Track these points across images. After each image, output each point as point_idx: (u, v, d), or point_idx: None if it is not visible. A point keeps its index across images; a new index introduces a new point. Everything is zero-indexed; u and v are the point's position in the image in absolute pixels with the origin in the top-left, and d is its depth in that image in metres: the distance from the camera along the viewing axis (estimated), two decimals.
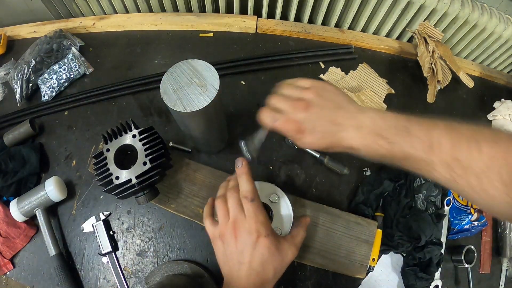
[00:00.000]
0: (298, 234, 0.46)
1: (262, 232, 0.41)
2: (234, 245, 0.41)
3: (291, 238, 0.45)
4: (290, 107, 0.40)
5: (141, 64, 0.77)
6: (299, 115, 0.39)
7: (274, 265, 0.41)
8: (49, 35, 0.76)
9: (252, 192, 0.43)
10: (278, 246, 0.42)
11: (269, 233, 0.41)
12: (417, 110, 0.76)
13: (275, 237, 0.43)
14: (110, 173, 0.51)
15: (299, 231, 0.47)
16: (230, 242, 0.42)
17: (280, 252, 0.42)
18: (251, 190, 0.43)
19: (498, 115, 0.78)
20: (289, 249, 0.43)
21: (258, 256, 0.40)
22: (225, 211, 0.43)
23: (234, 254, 0.41)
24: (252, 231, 0.41)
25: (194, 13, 0.85)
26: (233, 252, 0.41)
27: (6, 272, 0.59)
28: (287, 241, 0.44)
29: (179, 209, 0.59)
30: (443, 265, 0.61)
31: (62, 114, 0.72)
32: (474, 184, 0.31)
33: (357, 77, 0.77)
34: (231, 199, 0.43)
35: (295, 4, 0.80)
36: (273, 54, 0.78)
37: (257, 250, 0.40)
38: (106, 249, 0.57)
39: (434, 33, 0.77)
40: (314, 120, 0.39)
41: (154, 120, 0.70)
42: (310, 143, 0.40)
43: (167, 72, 0.46)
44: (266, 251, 0.41)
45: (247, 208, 0.42)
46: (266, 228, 0.41)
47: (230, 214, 0.43)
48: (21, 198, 0.59)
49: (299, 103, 0.39)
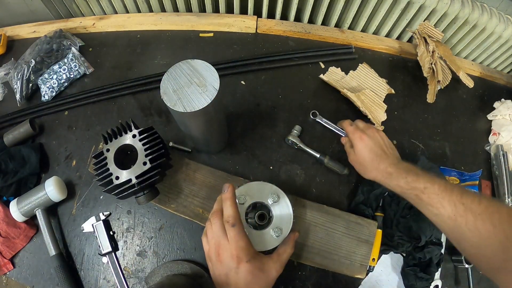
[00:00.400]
0: (285, 252, 0.48)
1: (243, 258, 0.42)
2: (220, 267, 0.44)
3: (277, 257, 0.47)
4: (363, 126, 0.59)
5: (141, 64, 0.77)
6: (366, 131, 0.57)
7: (260, 284, 0.44)
8: (49, 35, 0.76)
9: (233, 217, 0.44)
10: (261, 267, 0.44)
11: (250, 258, 0.43)
12: (417, 110, 0.76)
13: (257, 260, 0.44)
14: (110, 173, 0.51)
15: (285, 249, 0.48)
16: (216, 264, 0.44)
17: (264, 272, 0.44)
18: (233, 216, 0.44)
19: (498, 115, 0.78)
20: (274, 267, 0.45)
21: (241, 279, 0.42)
22: (211, 234, 0.46)
23: (222, 275, 0.44)
24: (234, 256, 0.43)
25: (194, 13, 0.85)
26: (221, 273, 0.44)
27: (6, 272, 0.59)
28: (272, 260, 0.46)
29: (179, 209, 0.59)
30: (443, 265, 0.61)
31: (62, 114, 0.72)
32: (470, 222, 0.41)
33: (357, 77, 0.77)
34: (214, 224, 0.45)
35: (295, 4, 0.80)
36: (273, 54, 0.78)
37: (240, 275, 0.42)
38: (106, 249, 0.57)
39: (434, 33, 0.77)
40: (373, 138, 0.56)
41: (154, 120, 0.70)
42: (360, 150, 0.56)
43: (167, 72, 0.46)
44: (249, 275, 0.42)
45: (229, 233, 0.44)
46: (246, 254, 0.43)
47: (214, 238, 0.45)
48: (21, 198, 0.59)
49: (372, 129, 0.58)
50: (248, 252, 0.43)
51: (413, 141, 0.73)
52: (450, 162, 0.72)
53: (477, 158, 0.75)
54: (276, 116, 0.71)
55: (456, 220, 0.42)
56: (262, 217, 0.52)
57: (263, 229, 0.51)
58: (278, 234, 0.50)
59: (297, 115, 0.71)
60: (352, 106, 0.72)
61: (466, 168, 0.72)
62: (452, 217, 0.43)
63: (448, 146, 0.74)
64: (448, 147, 0.74)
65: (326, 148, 0.69)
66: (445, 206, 0.44)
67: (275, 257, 0.47)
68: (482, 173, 0.69)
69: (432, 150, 0.73)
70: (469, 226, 0.41)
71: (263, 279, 0.44)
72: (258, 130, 0.69)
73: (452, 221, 0.43)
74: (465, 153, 0.74)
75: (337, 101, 0.74)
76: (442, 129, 0.75)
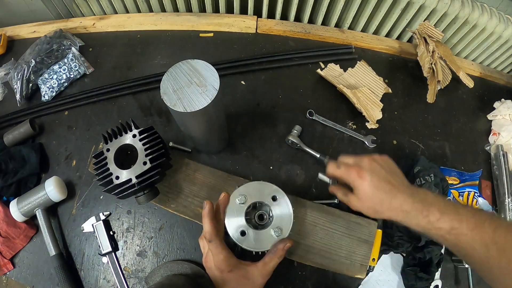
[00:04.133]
0: (271, 261, 0.48)
1: (225, 269, 0.46)
2: (209, 272, 0.49)
3: (262, 265, 0.48)
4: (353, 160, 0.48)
5: (141, 64, 0.77)
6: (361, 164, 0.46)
7: None
8: (49, 35, 0.76)
9: (209, 233, 0.47)
10: (245, 275, 0.47)
11: (231, 268, 0.46)
12: (417, 110, 0.76)
13: (241, 268, 0.47)
14: (110, 173, 0.51)
15: (272, 259, 0.48)
16: (208, 270, 0.49)
17: (249, 279, 0.47)
18: (209, 232, 0.47)
19: (498, 115, 0.78)
20: (259, 275, 0.47)
21: (229, 285, 0.46)
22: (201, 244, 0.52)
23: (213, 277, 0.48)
24: (216, 267, 0.47)
25: (194, 13, 0.85)
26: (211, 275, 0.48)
27: (6, 272, 0.59)
28: (257, 268, 0.48)
29: (179, 209, 0.59)
30: (443, 265, 0.61)
31: (62, 114, 0.72)
32: (504, 266, 0.35)
33: (355, 75, 0.77)
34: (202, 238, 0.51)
35: (295, 4, 0.80)
36: (273, 54, 0.78)
37: (226, 282, 0.46)
38: (106, 249, 0.57)
39: (434, 33, 0.77)
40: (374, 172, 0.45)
41: (154, 120, 0.70)
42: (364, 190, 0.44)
43: (167, 72, 0.46)
44: (234, 282, 0.46)
45: (209, 247, 0.47)
46: (228, 265, 0.46)
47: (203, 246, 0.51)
48: (21, 198, 0.59)
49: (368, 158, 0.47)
50: (229, 263, 0.46)
51: (413, 141, 0.73)
52: (450, 162, 0.72)
53: (477, 158, 0.75)
54: (276, 116, 0.71)
55: (488, 262, 0.36)
56: (262, 217, 0.52)
57: (263, 229, 0.50)
58: (278, 234, 0.50)
59: (297, 115, 0.71)
60: (352, 106, 0.72)
61: (466, 168, 0.72)
62: (484, 260, 0.37)
63: (448, 146, 0.74)
64: (448, 147, 0.74)
65: (326, 148, 0.69)
66: (476, 248, 0.37)
67: (260, 266, 0.48)
68: (482, 173, 0.69)
69: (432, 150, 0.73)
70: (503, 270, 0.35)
71: (248, 285, 0.47)
72: (258, 130, 0.69)
73: (484, 263, 0.37)
74: (465, 153, 0.74)
75: (337, 101, 0.74)
76: (442, 129, 0.75)
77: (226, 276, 0.46)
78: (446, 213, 0.40)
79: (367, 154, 0.48)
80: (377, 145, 0.69)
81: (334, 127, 0.70)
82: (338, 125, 0.70)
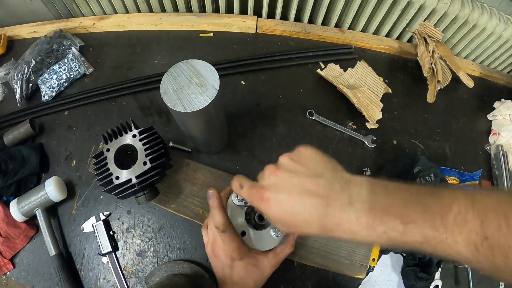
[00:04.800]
0: (282, 251, 0.48)
1: (236, 257, 0.45)
2: (216, 261, 0.47)
3: (273, 255, 0.48)
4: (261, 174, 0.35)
5: (141, 64, 0.77)
6: (263, 181, 0.34)
7: (254, 279, 0.46)
8: (49, 35, 0.76)
9: (223, 224, 0.45)
10: (255, 264, 0.46)
11: (242, 256, 0.46)
12: (417, 110, 0.76)
13: (251, 256, 0.47)
14: (110, 173, 0.51)
15: (283, 249, 0.48)
16: (213, 258, 0.48)
17: (258, 268, 0.46)
18: (222, 223, 0.45)
19: (498, 115, 0.78)
20: (268, 265, 0.47)
21: (236, 273, 0.46)
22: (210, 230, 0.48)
23: (219, 267, 0.47)
24: (227, 255, 0.46)
25: (194, 13, 0.85)
26: (217, 266, 0.48)
27: (6, 272, 0.59)
28: (267, 258, 0.47)
29: (179, 209, 0.59)
30: (443, 265, 0.61)
31: (62, 114, 0.72)
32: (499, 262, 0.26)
33: (355, 75, 0.77)
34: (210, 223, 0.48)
35: (295, 4, 0.80)
36: (273, 54, 0.78)
37: (234, 270, 0.46)
38: (106, 249, 0.57)
39: (434, 33, 0.77)
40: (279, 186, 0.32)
41: (154, 120, 0.70)
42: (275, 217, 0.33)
43: (167, 72, 0.46)
44: (243, 270, 0.46)
45: (221, 237, 0.46)
46: (239, 253, 0.45)
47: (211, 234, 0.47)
48: (21, 198, 0.59)
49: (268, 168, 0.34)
50: (240, 251, 0.46)
51: (413, 141, 0.73)
52: (450, 162, 0.72)
53: (477, 158, 0.75)
54: (276, 116, 0.71)
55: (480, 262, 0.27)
56: (262, 217, 0.52)
57: (263, 229, 0.50)
58: (278, 234, 0.50)
59: (297, 115, 0.71)
60: (352, 106, 0.72)
61: (466, 168, 0.72)
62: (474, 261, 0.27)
63: (448, 146, 0.74)
64: (448, 147, 0.74)
65: (326, 148, 0.69)
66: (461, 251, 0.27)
67: (270, 256, 0.48)
68: (482, 173, 0.69)
69: (432, 150, 0.73)
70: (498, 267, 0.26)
71: (257, 274, 0.46)
72: (258, 130, 0.69)
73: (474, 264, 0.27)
74: (465, 153, 0.74)
75: (337, 101, 0.74)
76: (442, 129, 0.75)
77: (235, 264, 0.46)
78: (412, 221, 0.28)
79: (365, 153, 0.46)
80: (377, 145, 0.69)
81: (334, 127, 0.70)
82: (338, 125, 0.70)
